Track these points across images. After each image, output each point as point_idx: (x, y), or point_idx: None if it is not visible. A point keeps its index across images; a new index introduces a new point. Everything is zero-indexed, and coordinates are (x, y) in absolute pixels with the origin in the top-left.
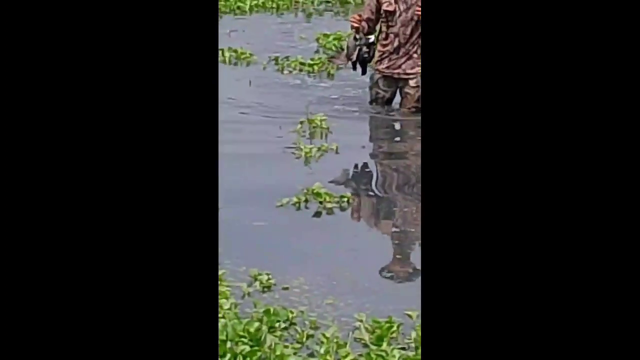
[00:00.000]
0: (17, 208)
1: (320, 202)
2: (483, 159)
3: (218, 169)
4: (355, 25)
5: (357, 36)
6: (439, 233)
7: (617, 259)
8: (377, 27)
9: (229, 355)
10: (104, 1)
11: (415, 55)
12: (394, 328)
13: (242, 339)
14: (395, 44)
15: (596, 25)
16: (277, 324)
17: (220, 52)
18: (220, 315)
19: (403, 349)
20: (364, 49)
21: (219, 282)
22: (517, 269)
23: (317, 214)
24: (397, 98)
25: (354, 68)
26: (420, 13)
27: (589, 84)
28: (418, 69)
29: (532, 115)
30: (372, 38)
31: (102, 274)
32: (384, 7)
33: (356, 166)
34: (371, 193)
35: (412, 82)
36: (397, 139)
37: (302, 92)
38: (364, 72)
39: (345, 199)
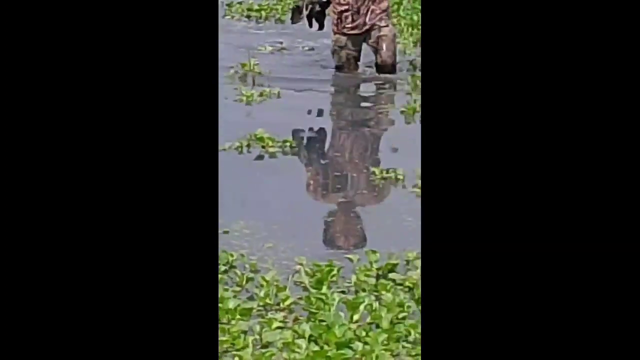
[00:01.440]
0: (17, 208)
1: (263, 147)
2: (484, 158)
3: (218, 169)
4: None
5: None
6: (440, 232)
7: (617, 261)
8: None
9: None
10: (104, 1)
11: (374, 7)
12: (334, 272)
13: None
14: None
15: (596, 25)
16: None
17: None
18: None
19: (343, 292)
20: (317, 7)
21: None
22: (518, 268)
23: (259, 158)
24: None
25: (310, 25)
26: None
27: (590, 85)
28: (385, 19)
29: (533, 115)
30: None
31: (101, 273)
32: None
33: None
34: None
35: (384, 30)
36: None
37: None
38: (320, 28)
39: (288, 144)
